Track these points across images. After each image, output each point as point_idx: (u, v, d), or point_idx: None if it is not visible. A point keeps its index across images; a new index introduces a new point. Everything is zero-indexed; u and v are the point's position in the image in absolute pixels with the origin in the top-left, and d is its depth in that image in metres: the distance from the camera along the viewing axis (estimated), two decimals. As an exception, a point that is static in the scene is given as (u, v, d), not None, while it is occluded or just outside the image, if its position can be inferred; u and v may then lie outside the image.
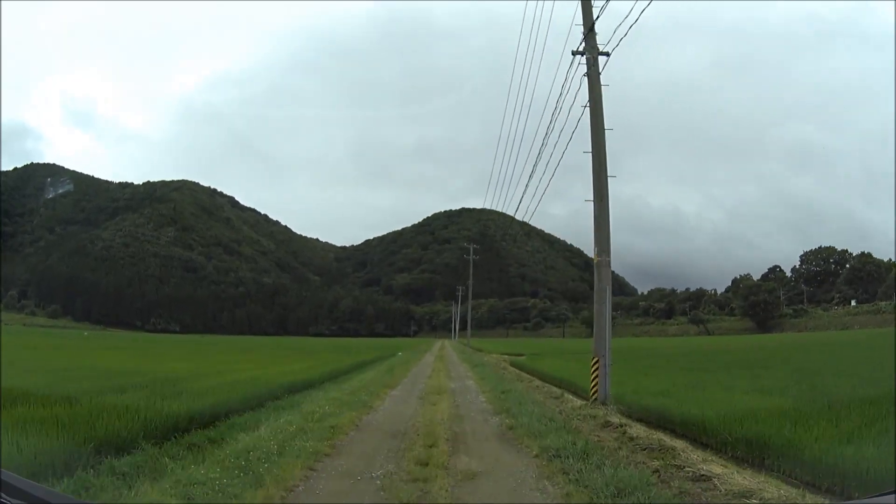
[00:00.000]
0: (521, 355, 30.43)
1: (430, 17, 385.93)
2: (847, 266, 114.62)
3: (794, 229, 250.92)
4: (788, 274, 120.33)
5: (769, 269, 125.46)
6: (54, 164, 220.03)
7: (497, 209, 47.95)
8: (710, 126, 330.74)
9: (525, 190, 16.33)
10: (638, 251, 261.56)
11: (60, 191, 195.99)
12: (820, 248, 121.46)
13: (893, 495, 2.35)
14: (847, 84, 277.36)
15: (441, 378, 18.46)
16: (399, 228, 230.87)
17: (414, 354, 34.90)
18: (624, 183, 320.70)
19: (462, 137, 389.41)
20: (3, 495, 1.75)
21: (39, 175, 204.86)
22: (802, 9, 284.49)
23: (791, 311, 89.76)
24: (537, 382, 16.25)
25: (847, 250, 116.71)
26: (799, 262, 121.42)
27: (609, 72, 10.73)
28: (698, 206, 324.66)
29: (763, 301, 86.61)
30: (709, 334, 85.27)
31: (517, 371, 21.38)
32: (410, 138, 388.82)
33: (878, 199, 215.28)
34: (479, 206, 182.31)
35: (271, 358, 23.87)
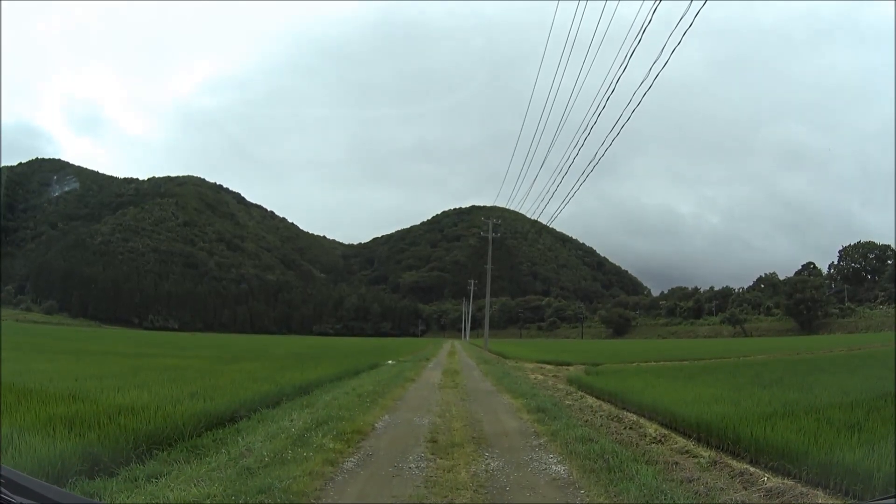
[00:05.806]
0: (567, 364, 21.43)
1: (425, 18, 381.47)
2: (889, 262, 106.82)
3: (792, 230, 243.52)
4: (825, 271, 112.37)
5: (803, 266, 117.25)
6: (59, 160, 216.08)
7: (508, 207, 41.40)
8: (704, 126, 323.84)
9: (553, 195, 15.72)
10: (636, 252, 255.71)
11: (67, 188, 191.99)
12: (859, 242, 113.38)
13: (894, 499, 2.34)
14: (843, 83, 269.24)
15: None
16: (407, 227, 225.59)
17: (410, 366, 20.89)
18: (619, 184, 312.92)
19: (461, 138, 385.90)
20: (4, 491, 1.72)
21: (45, 170, 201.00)
22: (797, 8, 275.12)
23: (837, 310, 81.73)
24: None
25: (889, 246, 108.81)
26: (837, 258, 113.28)
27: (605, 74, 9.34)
28: (694, 206, 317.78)
29: (809, 299, 78.54)
30: (745, 335, 77.52)
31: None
32: (410, 139, 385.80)
33: (875, 200, 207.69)
34: (483, 204, 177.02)
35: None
